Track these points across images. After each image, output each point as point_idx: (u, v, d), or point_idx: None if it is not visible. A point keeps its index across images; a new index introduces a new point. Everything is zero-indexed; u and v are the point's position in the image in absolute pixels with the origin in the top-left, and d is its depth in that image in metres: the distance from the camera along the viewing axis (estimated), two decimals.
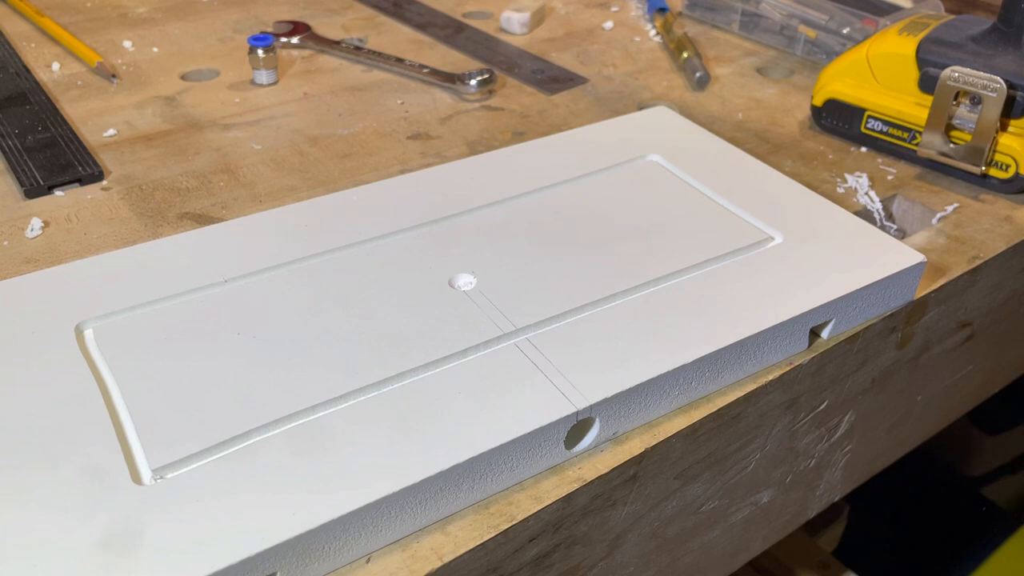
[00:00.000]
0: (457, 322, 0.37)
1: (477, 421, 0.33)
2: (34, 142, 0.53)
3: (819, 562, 0.75)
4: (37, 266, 0.44)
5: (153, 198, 0.50)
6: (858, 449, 0.49)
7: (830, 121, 0.57)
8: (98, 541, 0.28)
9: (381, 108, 0.60)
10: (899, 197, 0.52)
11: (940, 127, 0.52)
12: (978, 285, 0.48)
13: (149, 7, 0.74)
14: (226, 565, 0.28)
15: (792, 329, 0.39)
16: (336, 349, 0.36)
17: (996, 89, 0.49)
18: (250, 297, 0.39)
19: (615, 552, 0.38)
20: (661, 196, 0.46)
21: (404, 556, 0.31)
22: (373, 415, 0.33)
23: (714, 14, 0.74)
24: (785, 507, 0.47)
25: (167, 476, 0.31)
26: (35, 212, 0.48)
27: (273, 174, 0.52)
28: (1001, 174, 0.51)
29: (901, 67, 0.54)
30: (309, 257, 0.41)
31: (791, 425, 0.42)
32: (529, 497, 0.33)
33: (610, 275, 0.40)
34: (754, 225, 0.44)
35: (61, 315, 0.37)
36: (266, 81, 0.62)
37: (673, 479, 0.38)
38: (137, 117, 0.58)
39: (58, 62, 0.64)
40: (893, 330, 0.44)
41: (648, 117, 0.54)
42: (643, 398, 0.35)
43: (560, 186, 0.47)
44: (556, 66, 0.66)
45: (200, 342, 0.36)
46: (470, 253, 0.41)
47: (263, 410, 0.33)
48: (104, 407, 0.33)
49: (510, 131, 0.57)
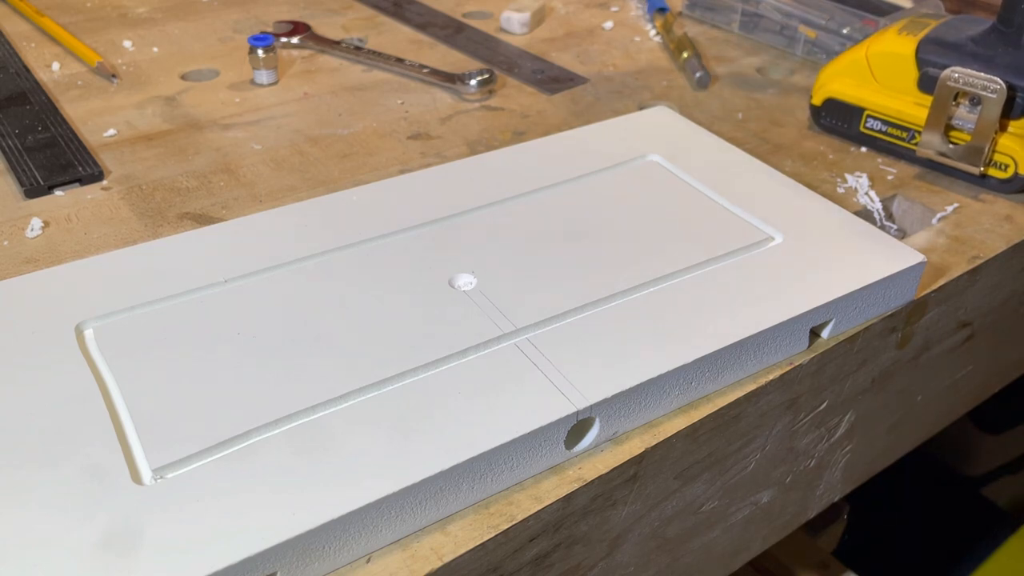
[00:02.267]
0: (457, 322, 0.37)
1: (477, 421, 0.33)
2: (34, 142, 0.53)
3: (819, 562, 0.75)
4: (37, 266, 0.44)
5: (153, 198, 0.50)
6: (858, 449, 0.49)
7: (829, 121, 0.57)
8: (98, 541, 0.28)
9: (381, 108, 0.60)
10: (899, 197, 0.52)
11: (939, 127, 0.52)
12: (978, 285, 0.48)
13: (149, 7, 0.74)
14: (226, 565, 0.28)
15: (792, 329, 0.39)
16: (336, 349, 0.36)
17: (996, 90, 0.49)
18: (250, 297, 0.39)
19: (615, 552, 0.38)
20: (661, 196, 0.46)
21: (404, 556, 0.31)
22: (373, 415, 0.33)
23: (714, 14, 0.74)
24: (785, 507, 0.47)
25: (167, 476, 0.31)
26: (35, 212, 0.48)
27: (273, 174, 0.52)
28: (1000, 174, 0.51)
29: (900, 67, 0.54)
30: (309, 257, 0.41)
31: (791, 425, 0.42)
32: (529, 497, 0.33)
33: (610, 275, 0.40)
34: (754, 225, 0.44)
35: (61, 315, 0.37)
36: (266, 81, 0.62)
37: (673, 479, 0.38)
38: (137, 117, 0.58)
39: (58, 62, 0.64)
40: (893, 330, 0.44)
41: (648, 117, 0.54)
42: (643, 398, 0.35)
43: (560, 186, 0.47)
44: (556, 66, 0.66)
45: (200, 342, 0.36)
46: (470, 253, 0.41)
47: (263, 410, 0.33)
48: (104, 407, 0.33)
49: (510, 131, 0.57)
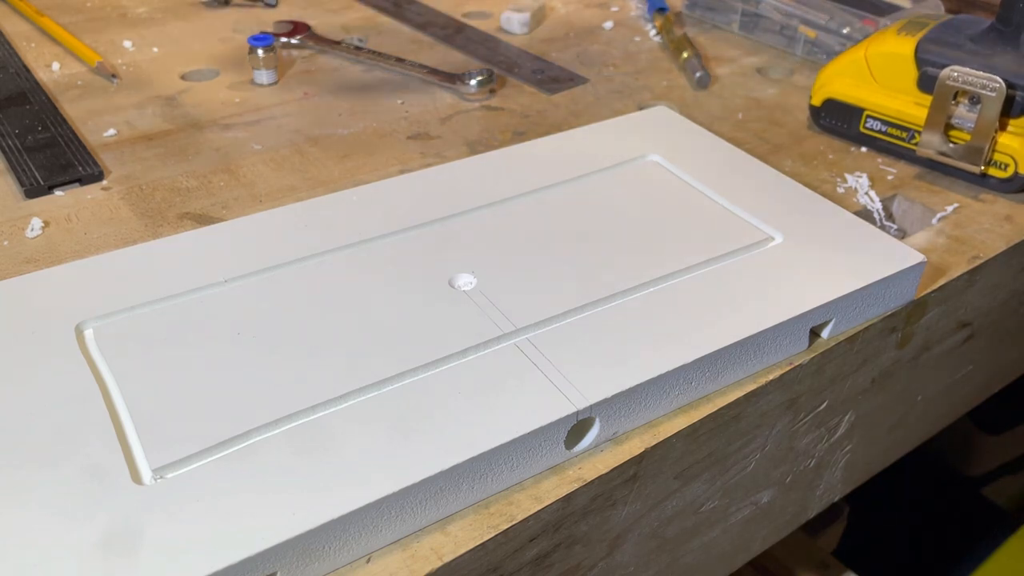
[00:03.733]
0: (457, 322, 0.37)
1: (477, 421, 0.33)
2: (34, 142, 0.53)
3: (819, 562, 0.75)
4: (37, 266, 0.44)
5: (153, 198, 0.50)
6: (858, 449, 0.49)
7: (829, 121, 0.57)
8: (98, 541, 0.28)
9: (381, 108, 0.60)
10: (899, 197, 0.52)
11: (939, 127, 0.52)
12: (978, 285, 0.48)
13: (149, 7, 0.74)
14: (226, 565, 0.28)
15: (792, 329, 0.39)
16: (336, 349, 0.36)
17: (995, 89, 0.49)
18: (250, 297, 0.39)
19: (615, 552, 0.38)
20: (661, 196, 0.46)
21: (404, 556, 0.31)
22: (373, 415, 0.33)
23: (714, 14, 0.74)
24: (785, 507, 0.47)
25: (167, 476, 0.31)
26: (35, 212, 0.48)
27: (273, 174, 0.52)
28: (1000, 173, 0.51)
29: (900, 66, 0.54)
30: (309, 257, 0.41)
31: (791, 425, 0.42)
32: (529, 497, 0.33)
33: (610, 275, 0.40)
34: (754, 225, 0.44)
35: (61, 315, 0.37)
36: (266, 81, 0.62)
37: (673, 479, 0.38)
38: (137, 117, 0.58)
39: (58, 62, 0.64)
40: (893, 330, 0.44)
41: (648, 117, 0.54)
42: (643, 398, 0.35)
43: (560, 186, 0.47)
44: (556, 66, 0.66)
45: (200, 342, 0.36)
46: (470, 253, 0.41)
47: (263, 410, 0.33)
48: (104, 407, 0.33)
49: (510, 131, 0.57)
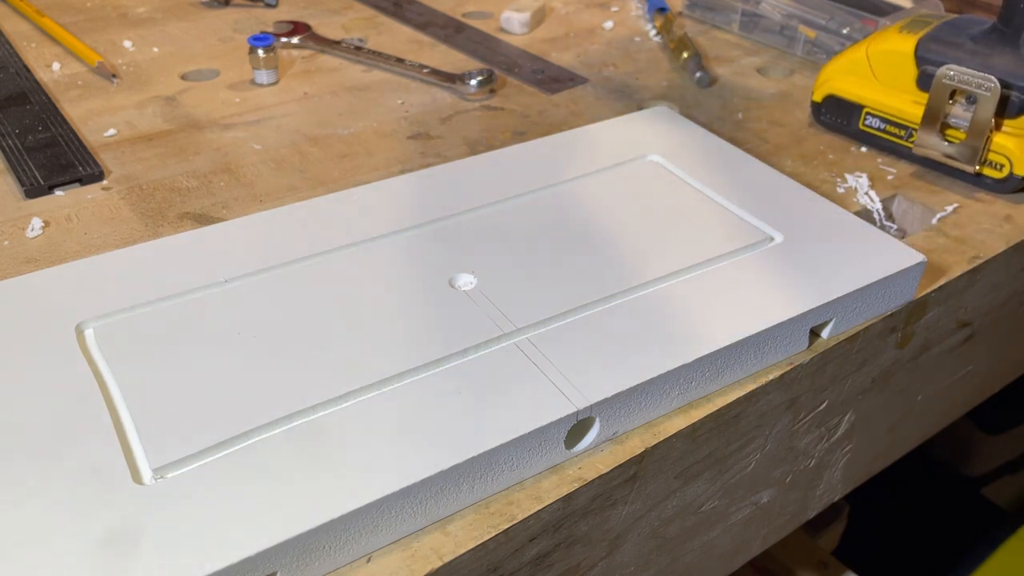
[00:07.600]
0: (457, 322, 0.37)
1: (477, 421, 0.33)
2: (34, 142, 0.53)
3: (819, 562, 0.75)
4: (37, 266, 0.44)
5: (153, 198, 0.50)
6: (858, 449, 0.49)
7: (829, 117, 0.57)
8: (99, 540, 0.28)
9: (381, 108, 0.60)
10: (899, 197, 0.52)
11: (935, 125, 0.52)
12: (978, 285, 0.48)
13: (149, 7, 0.74)
14: (226, 565, 0.28)
15: (792, 329, 0.39)
16: (336, 349, 0.36)
17: (990, 88, 0.49)
18: (250, 297, 0.39)
19: (615, 552, 0.38)
20: (661, 196, 0.46)
21: (404, 556, 0.31)
22: (373, 415, 0.33)
23: (714, 14, 0.74)
24: (785, 507, 0.47)
25: (167, 475, 0.31)
26: (35, 212, 0.48)
27: (273, 174, 0.52)
28: (995, 173, 0.51)
29: (900, 65, 0.54)
30: (309, 257, 0.41)
31: (791, 425, 0.42)
32: (529, 497, 0.33)
33: (610, 275, 0.40)
34: (754, 225, 0.44)
35: (61, 315, 0.37)
36: (266, 81, 0.62)
37: (673, 479, 0.38)
38: (137, 117, 0.58)
39: (58, 62, 0.64)
40: (893, 330, 0.44)
41: (648, 117, 0.54)
42: (643, 398, 0.35)
43: (560, 186, 0.47)
44: (556, 66, 0.66)
45: (200, 342, 0.36)
46: (470, 253, 0.41)
47: (263, 409, 0.33)
48: (104, 407, 0.33)
49: (510, 131, 0.57)
